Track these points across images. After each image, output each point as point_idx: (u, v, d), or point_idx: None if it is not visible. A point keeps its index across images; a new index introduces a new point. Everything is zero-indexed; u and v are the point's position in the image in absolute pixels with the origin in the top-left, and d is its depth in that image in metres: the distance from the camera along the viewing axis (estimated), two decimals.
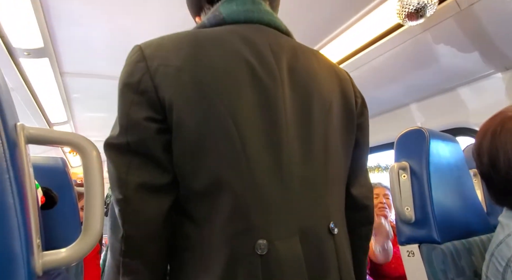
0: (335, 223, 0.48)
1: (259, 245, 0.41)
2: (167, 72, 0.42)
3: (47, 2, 1.23)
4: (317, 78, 0.51)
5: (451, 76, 1.46)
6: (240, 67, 0.45)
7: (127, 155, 0.43)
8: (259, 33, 0.49)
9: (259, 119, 0.44)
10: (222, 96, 0.43)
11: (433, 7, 1.05)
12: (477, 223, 0.89)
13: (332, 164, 0.50)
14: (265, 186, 0.43)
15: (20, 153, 0.32)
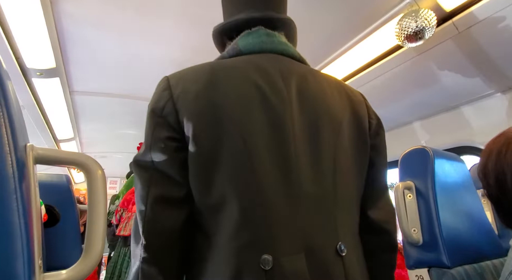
0: (345, 244, 0.47)
1: (264, 260, 0.42)
2: (187, 98, 0.48)
3: (62, 26, 1.30)
4: (326, 101, 0.53)
5: (453, 95, 1.47)
6: (251, 91, 0.49)
7: (149, 171, 0.48)
8: (271, 61, 0.54)
9: (268, 138, 0.47)
10: (233, 117, 0.47)
11: (432, 29, 1.08)
12: (488, 246, 0.86)
13: (342, 184, 0.51)
14: (271, 202, 0.45)
15: (28, 173, 0.32)
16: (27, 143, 0.35)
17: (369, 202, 0.56)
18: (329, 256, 0.46)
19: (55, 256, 0.83)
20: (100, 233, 0.35)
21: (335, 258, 0.46)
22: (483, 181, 0.65)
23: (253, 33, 0.56)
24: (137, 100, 2.08)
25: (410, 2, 1.11)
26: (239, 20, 0.57)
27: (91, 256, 0.35)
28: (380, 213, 0.57)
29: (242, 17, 0.57)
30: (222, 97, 0.48)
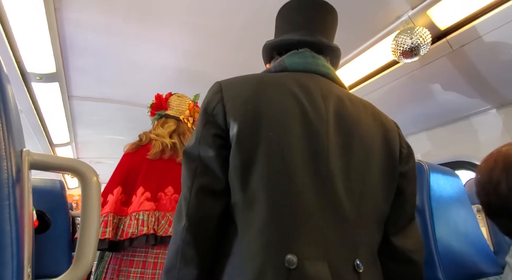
0: (363, 261, 0.49)
1: (289, 260, 0.45)
2: (235, 102, 0.54)
3: (64, 32, 1.31)
4: (360, 125, 0.57)
5: (448, 110, 1.50)
6: (293, 105, 0.54)
7: (195, 161, 0.54)
8: (313, 80, 0.59)
9: (304, 149, 0.52)
10: (274, 125, 0.52)
11: (426, 46, 1.11)
12: (484, 263, 0.85)
13: (366, 204, 0.53)
14: (301, 207, 0.49)
15: (22, 179, 0.32)
16: (23, 148, 0.35)
17: (393, 228, 0.58)
18: (348, 270, 0.48)
19: (43, 264, 0.80)
20: (92, 241, 0.35)
21: (352, 274, 0.48)
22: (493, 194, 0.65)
23: (300, 54, 0.62)
24: (136, 107, 2.08)
25: (406, 20, 1.14)
26: (291, 40, 0.63)
27: (82, 265, 0.34)
28: (407, 242, 0.58)
29: (294, 38, 0.63)
30: (265, 106, 0.53)
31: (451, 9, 1.06)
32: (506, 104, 1.35)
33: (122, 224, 1.05)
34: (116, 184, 1.13)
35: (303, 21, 0.65)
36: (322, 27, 0.65)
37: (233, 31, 1.33)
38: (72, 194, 4.12)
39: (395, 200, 0.58)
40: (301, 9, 0.66)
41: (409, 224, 0.60)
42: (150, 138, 1.22)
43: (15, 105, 0.36)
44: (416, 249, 0.59)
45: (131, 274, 1.06)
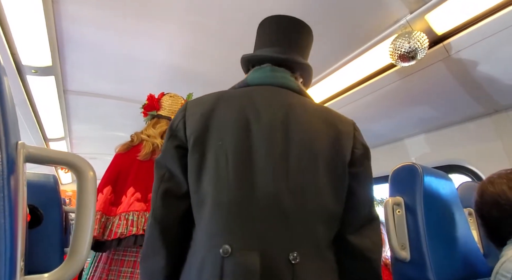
0: (301, 254, 0.54)
1: (224, 249, 0.53)
2: (194, 118, 0.64)
3: (61, 25, 1.30)
4: (306, 130, 0.62)
5: (443, 115, 1.52)
6: (239, 117, 0.62)
7: (163, 169, 0.64)
8: (268, 92, 0.66)
9: (246, 154, 0.59)
10: (221, 135, 0.61)
11: (424, 51, 1.12)
12: (474, 265, 0.87)
13: (310, 203, 0.58)
14: (239, 205, 0.56)
15: (17, 172, 0.32)
16: (18, 141, 0.35)
17: (350, 228, 0.62)
18: (281, 260, 0.53)
19: (35, 259, 0.80)
20: (87, 237, 0.34)
21: (286, 264, 0.53)
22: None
23: (261, 69, 0.70)
24: (132, 103, 2.07)
25: (404, 24, 1.15)
26: (257, 56, 0.72)
27: (75, 260, 0.34)
28: (365, 241, 0.61)
29: (259, 55, 0.72)
30: (216, 120, 0.62)
31: (449, 15, 1.08)
32: (500, 110, 1.38)
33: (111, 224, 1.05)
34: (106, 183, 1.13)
35: (275, 38, 0.72)
36: (293, 44, 0.72)
37: (232, 30, 1.33)
38: (65, 190, 4.07)
39: (348, 200, 0.62)
40: (275, 27, 0.73)
41: (368, 224, 0.63)
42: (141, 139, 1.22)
43: (11, 98, 0.36)
44: (372, 249, 0.62)
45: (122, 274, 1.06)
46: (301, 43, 0.73)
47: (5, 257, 0.26)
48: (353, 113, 1.70)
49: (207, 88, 1.18)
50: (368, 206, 0.64)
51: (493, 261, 0.77)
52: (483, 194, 0.79)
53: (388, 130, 1.80)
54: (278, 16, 0.74)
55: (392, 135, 1.84)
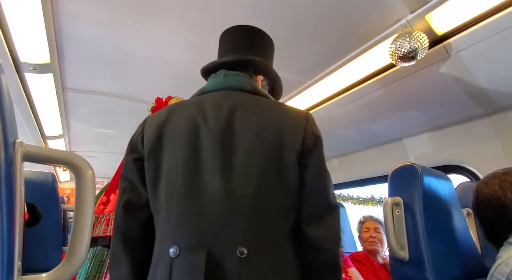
0: (251, 248, 0.55)
1: (173, 250, 0.57)
2: (149, 130, 0.68)
3: (60, 22, 1.29)
4: (254, 127, 0.63)
5: (442, 115, 1.52)
6: (189, 124, 0.65)
7: (125, 182, 0.68)
8: (217, 97, 0.69)
9: (192, 159, 0.62)
10: (172, 144, 0.64)
11: (424, 51, 1.12)
12: (473, 265, 0.87)
13: (260, 197, 0.59)
14: (181, 209, 0.60)
15: (15, 171, 0.31)
16: (16, 139, 0.34)
17: (305, 218, 0.62)
18: (229, 256, 0.55)
19: (33, 258, 0.79)
20: (85, 236, 0.34)
21: (233, 260, 0.54)
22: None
23: (215, 76, 0.73)
24: (131, 101, 2.06)
25: (404, 24, 1.15)
26: (211, 64, 0.76)
27: (74, 259, 0.33)
28: (322, 232, 0.61)
29: (212, 63, 0.75)
30: (168, 130, 0.66)
31: (449, 15, 1.07)
32: (499, 110, 1.38)
33: None
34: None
35: (230, 46, 0.77)
36: (246, 47, 0.76)
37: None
38: (64, 188, 4.06)
39: (302, 191, 0.62)
40: (230, 37, 0.79)
41: (324, 214, 0.62)
42: None
43: (9, 95, 0.35)
44: (328, 239, 0.61)
45: None
46: (254, 44, 0.77)
47: (2, 256, 0.26)
48: (352, 113, 1.70)
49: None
50: (323, 195, 0.63)
51: (491, 261, 0.77)
52: (478, 195, 0.80)
53: (387, 130, 1.80)
54: (232, 27, 0.79)
55: (391, 135, 1.84)
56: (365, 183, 2.16)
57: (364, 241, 1.74)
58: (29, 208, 0.82)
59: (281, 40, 1.38)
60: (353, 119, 1.76)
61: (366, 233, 1.73)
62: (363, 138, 1.95)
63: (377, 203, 2.15)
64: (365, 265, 1.57)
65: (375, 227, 1.73)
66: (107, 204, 1.12)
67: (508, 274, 0.65)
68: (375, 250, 1.66)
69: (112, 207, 1.10)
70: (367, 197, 2.21)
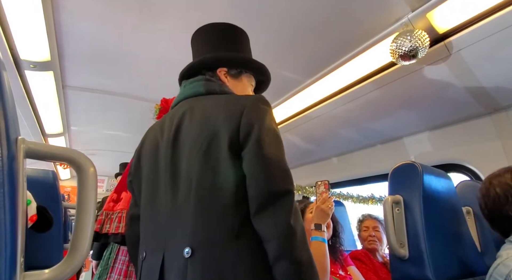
0: (196, 248, 0.58)
1: (142, 254, 0.68)
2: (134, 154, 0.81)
3: (60, 19, 1.28)
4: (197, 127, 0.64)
5: (443, 113, 1.52)
6: (153, 141, 0.75)
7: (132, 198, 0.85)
8: (176, 109, 0.74)
9: (153, 173, 0.71)
10: (144, 162, 0.76)
11: (424, 50, 1.12)
12: (472, 263, 0.87)
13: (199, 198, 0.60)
14: (147, 218, 0.72)
15: (17, 167, 0.32)
16: (18, 136, 0.34)
17: (252, 211, 0.59)
18: (178, 256, 0.59)
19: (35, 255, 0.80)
20: (87, 232, 0.34)
21: (181, 259, 0.59)
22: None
23: (180, 89, 0.79)
24: (132, 99, 2.06)
25: (405, 22, 1.15)
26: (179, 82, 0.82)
27: (76, 255, 0.34)
28: (261, 225, 0.58)
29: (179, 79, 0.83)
30: (143, 151, 0.77)
31: (450, 13, 1.07)
32: (500, 109, 1.38)
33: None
34: None
35: (193, 54, 0.82)
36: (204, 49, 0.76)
37: None
38: (64, 186, 4.07)
39: (247, 183, 0.59)
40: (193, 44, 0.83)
41: (270, 204, 0.58)
42: None
43: (11, 93, 0.35)
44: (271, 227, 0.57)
45: None
46: (209, 42, 0.76)
47: (5, 252, 0.26)
48: (353, 111, 1.70)
49: None
50: (264, 184, 0.58)
51: (490, 259, 0.77)
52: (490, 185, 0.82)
53: (388, 129, 1.80)
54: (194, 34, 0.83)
55: (391, 134, 1.84)
56: (365, 181, 2.16)
57: (363, 240, 1.74)
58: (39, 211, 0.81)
59: (282, 40, 1.38)
60: (353, 118, 1.76)
61: (365, 232, 1.74)
62: (363, 137, 1.95)
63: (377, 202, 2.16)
64: (365, 263, 1.57)
65: (374, 226, 1.73)
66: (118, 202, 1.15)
67: (507, 275, 0.65)
68: (374, 249, 1.66)
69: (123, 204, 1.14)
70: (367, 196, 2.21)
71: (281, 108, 1.93)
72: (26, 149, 0.34)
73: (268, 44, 1.40)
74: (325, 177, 1.49)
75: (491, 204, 0.79)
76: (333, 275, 1.29)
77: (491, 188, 0.80)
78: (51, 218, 0.82)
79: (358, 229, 1.83)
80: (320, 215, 1.23)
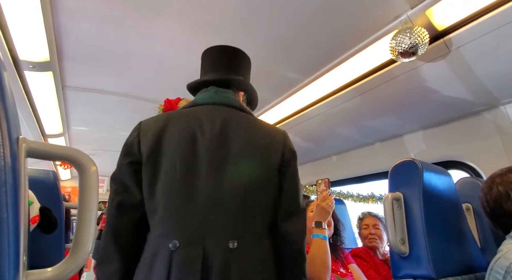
0: (240, 241, 0.67)
1: (173, 244, 0.65)
2: (147, 135, 0.74)
3: (59, 19, 1.28)
4: (243, 139, 0.75)
5: (442, 111, 1.52)
6: (186, 132, 0.74)
7: (117, 184, 0.74)
8: (209, 110, 0.79)
9: (190, 164, 0.71)
10: (170, 149, 0.72)
11: (424, 47, 1.12)
12: (472, 259, 0.88)
13: (248, 199, 0.71)
14: (184, 207, 0.69)
15: (19, 166, 0.32)
16: (19, 135, 0.35)
17: (280, 216, 0.76)
18: (220, 249, 0.65)
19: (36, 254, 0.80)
20: (89, 231, 0.34)
21: (225, 251, 0.65)
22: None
23: (207, 91, 0.83)
24: (132, 99, 2.06)
25: (405, 19, 1.15)
26: (202, 81, 0.85)
27: (79, 254, 0.34)
28: (290, 227, 0.76)
29: (203, 79, 0.85)
30: (166, 136, 0.73)
31: (450, 10, 1.07)
32: (499, 106, 1.38)
33: None
34: None
35: (217, 64, 0.87)
36: (231, 67, 0.87)
37: (231, 27, 1.32)
38: (65, 186, 4.07)
39: (280, 195, 0.76)
40: (215, 56, 0.88)
41: (295, 214, 0.77)
42: None
43: (11, 92, 0.35)
44: (296, 232, 0.76)
45: None
46: (238, 66, 0.88)
47: (8, 251, 0.26)
48: (352, 110, 1.70)
49: None
50: (295, 199, 0.78)
51: (489, 255, 0.77)
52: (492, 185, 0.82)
53: (387, 127, 1.80)
54: (217, 46, 0.89)
55: (391, 132, 1.84)
56: (365, 179, 2.17)
57: (363, 238, 1.75)
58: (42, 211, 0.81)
59: (280, 38, 1.38)
60: (353, 116, 1.76)
61: (366, 230, 1.74)
62: (363, 135, 1.95)
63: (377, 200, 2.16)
64: (366, 260, 1.58)
65: (374, 224, 1.74)
66: None
67: (508, 267, 0.66)
68: (374, 247, 1.66)
69: None
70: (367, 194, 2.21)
71: (281, 107, 1.93)
72: (28, 148, 0.34)
73: (266, 42, 1.40)
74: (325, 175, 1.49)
75: (493, 202, 0.79)
76: (334, 273, 1.29)
77: (493, 187, 0.80)
78: (55, 219, 0.82)
79: (358, 227, 1.83)
80: (321, 213, 1.24)
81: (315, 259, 1.15)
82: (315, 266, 1.13)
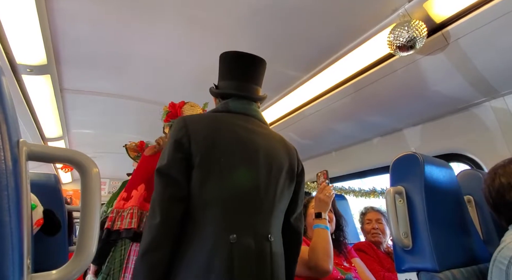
0: (273, 235, 0.85)
1: (232, 238, 0.76)
2: (197, 135, 0.82)
3: (55, 22, 1.28)
4: (275, 150, 0.92)
5: (442, 103, 1.51)
6: (232, 135, 0.86)
7: (166, 177, 0.79)
8: (247, 120, 0.93)
9: (243, 168, 0.83)
10: (224, 153, 0.82)
11: (422, 40, 1.11)
12: (475, 251, 0.88)
13: (277, 201, 0.87)
14: (239, 206, 0.81)
15: (20, 170, 0.32)
16: (19, 139, 0.34)
17: (292, 214, 0.96)
18: (264, 240, 0.82)
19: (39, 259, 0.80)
20: (93, 233, 0.34)
21: (267, 243, 0.82)
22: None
23: (240, 100, 0.94)
24: (130, 101, 2.06)
25: (402, 13, 1.14)
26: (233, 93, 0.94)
27: (83, 256, 0.34)
28: (299, 223, 0.98)
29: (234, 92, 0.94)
30: (219, 140, 0.83)
31: (447, 2, 1.06)
32: (499, 97, 1.37)
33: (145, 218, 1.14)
34: (140, 181, 1.29)
35: (241, 73, 0.95)
36: (254, 77, 0.97)
37: (228, 23, 1.31)
38: (66, 189, 4.08)
39: (292, 198, 0.95)
40: (240, 62, 0.95)
41: (302, 214, 1.00)
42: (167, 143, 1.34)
43: (10, 96, 0.35)
44: (301, 227, 0.99)
45: None
46: (258, 74, 0.98)
47: (12, 254, 0.26)
48: (351, 105, 1.70)
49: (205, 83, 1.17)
50: (302, 201, 1.01)
51: (492, 246, 0.78)
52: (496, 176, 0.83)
53: (387, 121, 1.80)
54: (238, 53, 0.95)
55: (391, 126, 1.84)
56: (366, 174, 2.17)
57: (366, 233, 1.75)
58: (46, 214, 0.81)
59: (278, 37, 1.37)
60: (352, 112, 1.76)
61: (368, 225, 1.74)
62: (363, 130, 1.95)
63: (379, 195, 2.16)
64: (369, 254, 1.58)
65: (377, 218, 1.74)
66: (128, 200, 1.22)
67: (511, 257, 0.66)
68: (378, 241, 1.67)
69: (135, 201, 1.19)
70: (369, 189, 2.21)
71: (280, 105, 1.93)
72: (28, 151, 0.34)
73: (264, 41, 1.40)
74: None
75: (496, 193, 0.80)
76: (338, 267, 1.30)
77: (496, 178, 0.81)
78: (58, 221, 0.83)
79: (361, 222, 1.83)
80: (320, 203, 1.27)
81: (317, 248, 1.16)
82: (317, 254, 1.14)
